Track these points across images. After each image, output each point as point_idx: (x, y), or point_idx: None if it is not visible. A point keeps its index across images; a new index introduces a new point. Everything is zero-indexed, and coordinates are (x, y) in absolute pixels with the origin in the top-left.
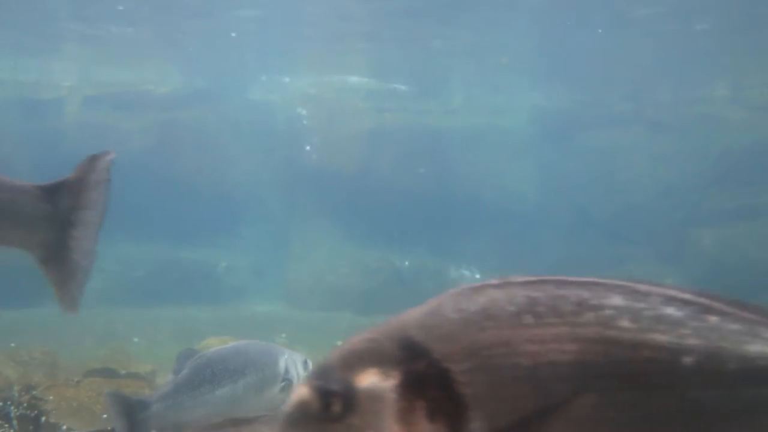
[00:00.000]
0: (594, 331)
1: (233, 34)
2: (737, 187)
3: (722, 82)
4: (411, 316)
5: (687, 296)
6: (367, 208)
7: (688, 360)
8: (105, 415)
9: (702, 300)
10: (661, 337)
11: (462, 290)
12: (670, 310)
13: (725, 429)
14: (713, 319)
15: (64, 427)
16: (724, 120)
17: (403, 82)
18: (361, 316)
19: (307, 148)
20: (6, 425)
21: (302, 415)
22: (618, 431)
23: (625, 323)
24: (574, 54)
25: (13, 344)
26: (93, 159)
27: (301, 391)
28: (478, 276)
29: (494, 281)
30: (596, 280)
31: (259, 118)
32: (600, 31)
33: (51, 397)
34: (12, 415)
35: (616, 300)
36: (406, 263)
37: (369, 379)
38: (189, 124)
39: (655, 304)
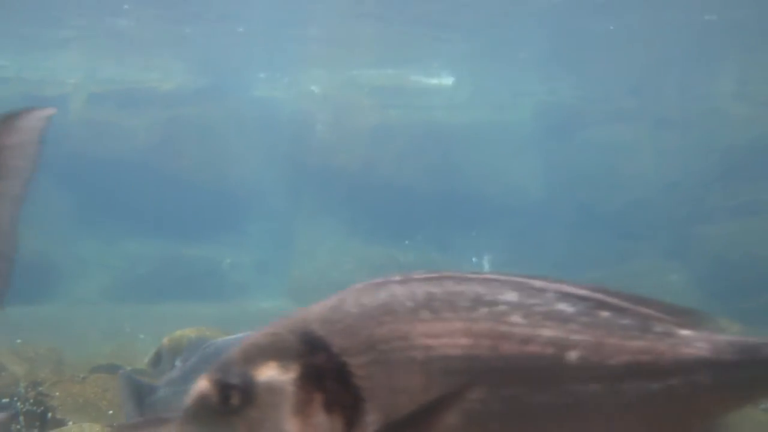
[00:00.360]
0: (487, 326)
1: (240, 29)
2: (742, 183)
3: (727, 77)
4: (313, 310)
5: (582, 292)
6: (372, 204)
7: (573, 355)
8: (111, 411)
9: (597, 296)
10: (549, 333)
11: (365, 285)
12: (563, 306)
13: (606, 423)
14: (605, 314)
15: (70, 423)
16: (729, 116)
17: (410, 75)
18: None
19: (311, 145)
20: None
21: (201, 408)
22: (504, 425)
23: (516, 319)
24: (579, 49)
25: (19, 341)
26: (15, 116)
27: (201, 385)
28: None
29: (397, 277)
30: (494, 276)
31: (263, 114)
32: (612, 27)
33: (57, 394)
34: (19, 411)
35: (511, 296)
36: (411, 259)
37: (268, 372)
38: (193, 121)
39: (549, 300)
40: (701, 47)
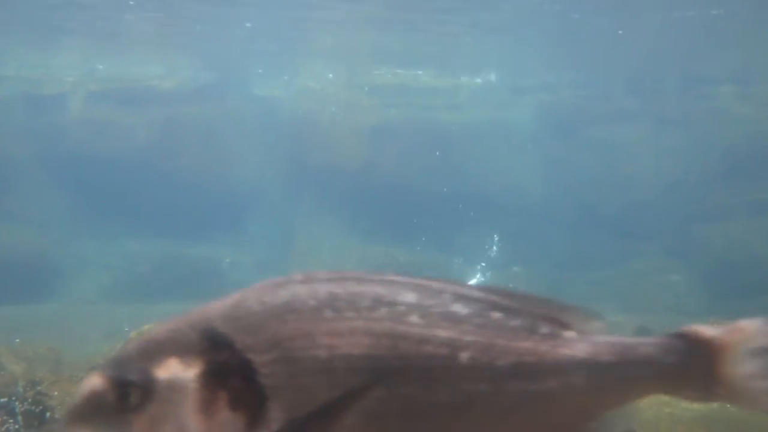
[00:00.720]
0: (386, 326)
1: (248, 24)
2: (743, 182)
3: (729, 76)
4: (215, 307)
5: (478, 294)
6: (372, 204)
7: (464, 355)
8: None
9: (491, 297)
10: (444, 333)
11: (267, 284)
12: (458, 308)
13: (494, 422)
14: (497, 315)
15: None
16: (731, 115)
17: (412, 70)
18: None
19: (311, 144)
20: (11, 420)
21: (95, 406)
22: (401, 423)
23: (414, 319)
24: (581, 47)
25: (18, 340)
26: None
27: (91, 382)
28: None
29: (299, 276)
30: (394, 277)
31: (263, 113)
32: (620, 32)
33: (56, 393)
34: (17, 410)
35: (409, 297)
36: (412, 258)
37: (169, 369)
38: (193, 120)
39: (445, 302)
40: (705, 43)
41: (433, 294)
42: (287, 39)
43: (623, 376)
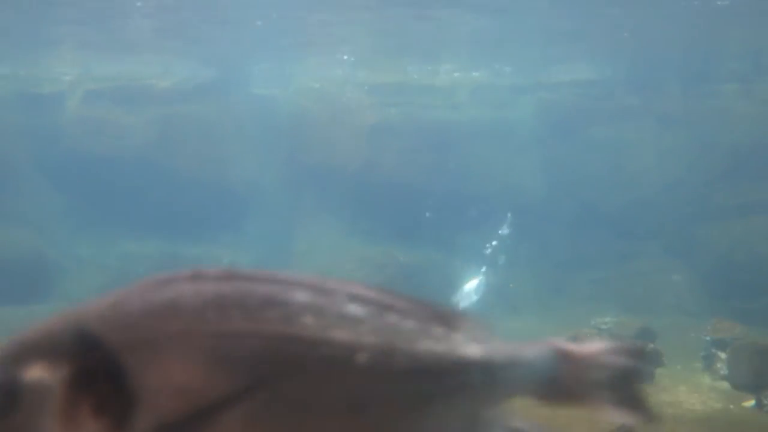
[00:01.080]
0: (276, 328)
1: (258, 23)
2: (746, 182)
3: (733, 74)
4: (92, 306)
5: (371, 295)
6: (372, 203)
7: (362, 357)
8: None
9: (385, 298)
10: (340, 334)
11: (152, 281)
12: (353, 308)
13: (392, 424)
14: (392, 317)
15: None
16: (734, 114)
17: (410, 71)
18: None
19: (310, 143)
20: None
21: None
22: (290, 427)
23: (307, 320)
24: (581, 45)
25: None
26: None
27: None
28: (483, 270)
29: (186, 273)
30: (286, 276)
31: (262, 112)
32: (626, 34)
33: None
34: None
35: (302, 296)
36: (411, 259)
37: (36, 373)
38: (191, 119)
39: (339, 302)
40: (709, 36)
41: (327, 294)
42: (286, 37)
43: (513, 377)
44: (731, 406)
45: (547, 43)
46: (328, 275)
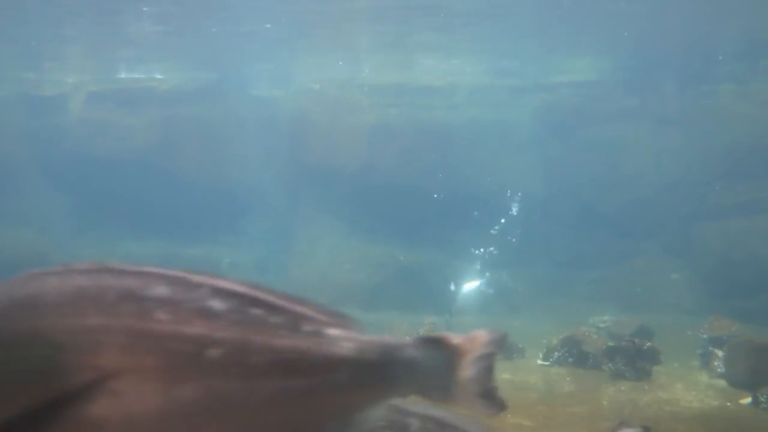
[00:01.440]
0: (126, 323)
1: (268, 25)
2: (744, 181)
3: (730, 75)
4: None
5: (239, 289)
6: (372, 203)
7: (215, 352)
8: None
9: (253, 293)
10: (192, 330)
11: (25, 276)
12: (215, 303)
13: (249, 420)
14: (257, 312)
15: None
16: (732, 114)
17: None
18: (367, 311)
19: (310, 144)
20: None
21: None
22: (144, 422)
23: (161, 315)
24: (581, 45)
25: None
26: None
27: None
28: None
29: (58, 268)
30: (154, 270)
31: (262, 113)
32: (626, 34)
33: None
34: None
35: (163, 291)
36: (412, 258)
37: None
38: (192, 121)
39: (202, 297)
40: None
41: (191, 288)
42: (286, 39)
43: (387, 375)
44: (728, 404)
45: (546, 43)
46: (326, 275)
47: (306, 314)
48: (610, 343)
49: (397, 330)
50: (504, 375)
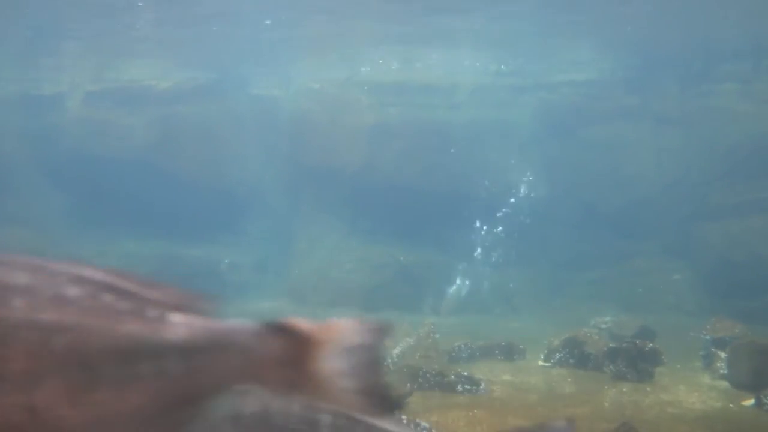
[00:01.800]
0: None
1: (267, 22)
2: (745, 181)
3: (731, 74)
4: None
5: (97, 276)
6: (372, 203)
7: (59, 341)
8: None
9: (110, 279)
10: (45, 317)
11: None
12: (71, 290)
13: (95, 411)
14: (108, 298)
15: None
16: (732, 113)
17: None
18: (366, 311)
19: (310, 144)
20: None
21: None
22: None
23: (17, 303)
24: (581, 45)
25: None
26: None
27: None
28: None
29: None
30: (10, 258)
31: (262, 113)
32: (629, 28)
33: None
34: None
35: (21, 278)
36: (412, 258)
37: None
38: (191, 120)
39: (59, 284)
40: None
41: (50, 276)
42: (286, 39)
43: (215, 361)
44: (731, 405)
45: (546, 43)
46: (326, 275)
47: (155, 299)
48: (611, 345)
49: (397, 330)
50: (505, 376)
